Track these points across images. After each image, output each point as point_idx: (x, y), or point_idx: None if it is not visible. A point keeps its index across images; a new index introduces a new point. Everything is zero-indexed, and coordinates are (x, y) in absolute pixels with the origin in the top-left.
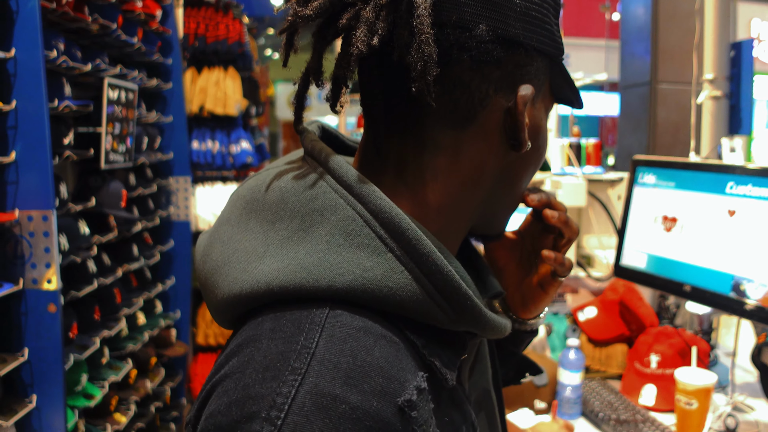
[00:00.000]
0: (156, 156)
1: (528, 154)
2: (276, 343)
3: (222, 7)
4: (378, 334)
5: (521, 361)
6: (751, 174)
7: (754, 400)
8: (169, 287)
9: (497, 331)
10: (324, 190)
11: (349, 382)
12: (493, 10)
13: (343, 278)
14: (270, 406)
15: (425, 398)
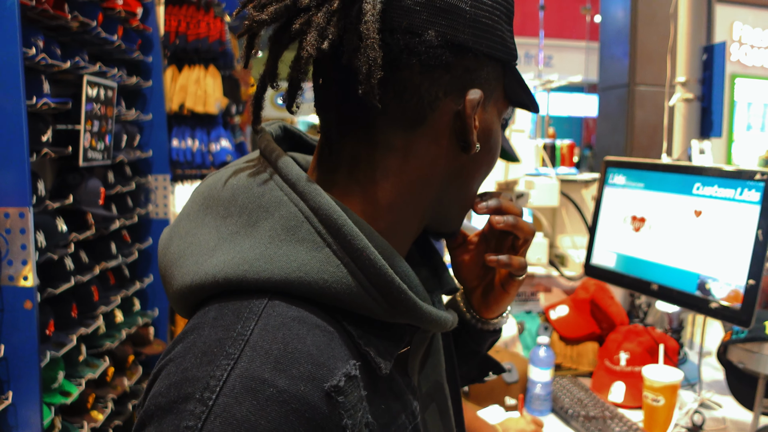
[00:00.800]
0: (135, 154)
1: (479, 156)
2: (216, 330)
3: (203, 6)
4: (312, 323)
5: (484, 360)
6: (716, 175)
7: (721, 397)
8: (147, 285)
9: (438, 325)
10: (271, 188)
11: (278, 367)
12: (443, 16)
13: (282, 271)
14: (204, 388)
15: (355, 385)
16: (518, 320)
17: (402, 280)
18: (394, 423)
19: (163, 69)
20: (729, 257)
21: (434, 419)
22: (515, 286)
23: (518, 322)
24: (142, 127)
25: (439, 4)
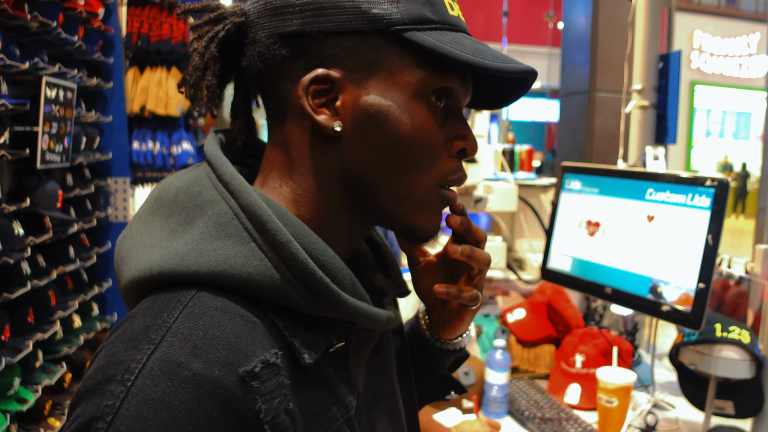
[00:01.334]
0: (95, 156)
1: (365, 139)
2: (145, 319)
3: (166, 7)
4: (235, 313)
5: (444, 378)
6: (668, 181)
7: (674, 398)
8: (106, 289)
9: (370, 321)
10: (207, 188)
11: (195, 352)
12: (272, 16)
13: (209, 264)
14: (125, 370)
15: (274, 372)
16: (476, 324)
17: (329, 274)
18: (323, 414)
19: (124, 70)
20: (680, 261)
21: (383, 419)
22: (470, 314)
23: (476, 325)
24: (102, 129)
25: (272, 4)
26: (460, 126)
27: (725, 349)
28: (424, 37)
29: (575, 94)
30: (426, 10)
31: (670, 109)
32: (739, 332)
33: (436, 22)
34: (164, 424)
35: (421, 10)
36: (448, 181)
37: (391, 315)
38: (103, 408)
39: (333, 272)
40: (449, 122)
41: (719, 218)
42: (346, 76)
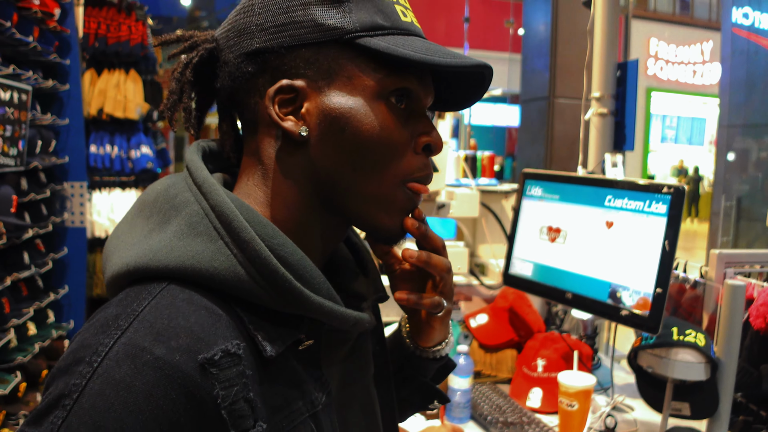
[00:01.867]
0: (50, 160)
1: (330, 141)
2: (117, 308)
3: (125, 8)
4: (200, 305)
5: (425, 387)
6: (626, 188)
7: (632, 401)
8: (62, 296)
9: (337, 320)
10: (183, 190)
11: (158, 338)
12: (237, 37)
13: (179, 259)
14: (93, 353)
15: (234, 362)
16: None
17: (295, 272)
18: (287, 407)
19: (81, 72)
20: (638, 267)
21: (357, 418)
22: (437, 321)
23: None
24: (59, 132)
25: (236, 27)
26: (424, 124)
27: (681, 352)
28: (376, 42)
29: (535, 99)
30: (378, 17)
31: (628, 116)
32: (695, 335)
33: (388, 28)
34: (125, 403)
35: (373, 18)
36: (414, 178)
37: (360, 316)
38: (71, 386)
39: (300, 271)
40: (412, 121)
41: (675, 224)
42: (308, 85)
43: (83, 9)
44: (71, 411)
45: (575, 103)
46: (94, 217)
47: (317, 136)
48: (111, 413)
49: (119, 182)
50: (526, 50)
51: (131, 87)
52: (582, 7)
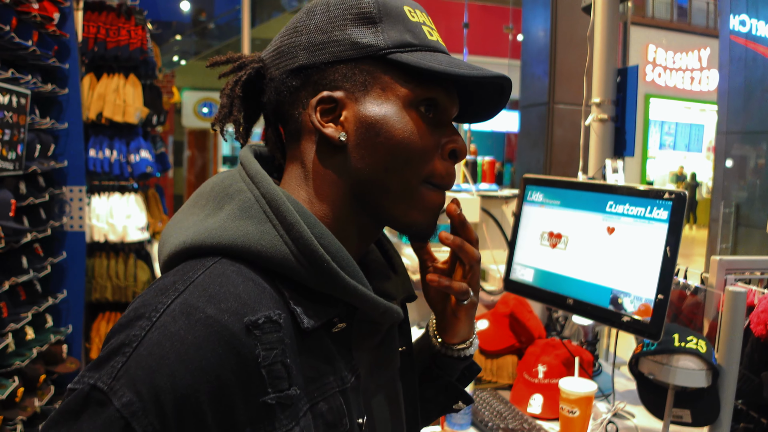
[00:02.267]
0: (49, 164)
1: (366, 145)
2: (174, 276)
3: (124, 13)
4: (248, 277)
5: (449, 387)
6: (628, 194)
7: (633, 407)
8: (60, 301)
9: (368, 304)
10: (236, 180)
11: (210, 300)
12: (281, 56)
13: (230, 238)
14: (152, 310)
15: (275, 328)
16: None
17: (333, 256)
18: (319, 380)
19: (80, 76)
20: (640, 273)
21: (381, 407)
22: (463, 311)
23: None
24: (58, 137)
25: (281, 48)
26: (450, 132)
27: (683, 359)
28: (407, 57)
29: (535, 105)
30: (407, 36)
31: (628, 122)
32: (696, 342)
33: (416, 46)
34: (177, 353)
35: (403, 37)
36: (438, 181)
37: (390, 305)
38: (131, 336)
39: (337, 258)
40: (439, 129)
41: (677, 230)
42: (346, 96)
43: (82, 13)
44: (130, 357)
45: (574, 108)
46: (93, 221)
47: (354, 141)
48: (165, 361)
49: (118, 186)
50: (526, 56)
51: (130, 91)
52: (581, 13)
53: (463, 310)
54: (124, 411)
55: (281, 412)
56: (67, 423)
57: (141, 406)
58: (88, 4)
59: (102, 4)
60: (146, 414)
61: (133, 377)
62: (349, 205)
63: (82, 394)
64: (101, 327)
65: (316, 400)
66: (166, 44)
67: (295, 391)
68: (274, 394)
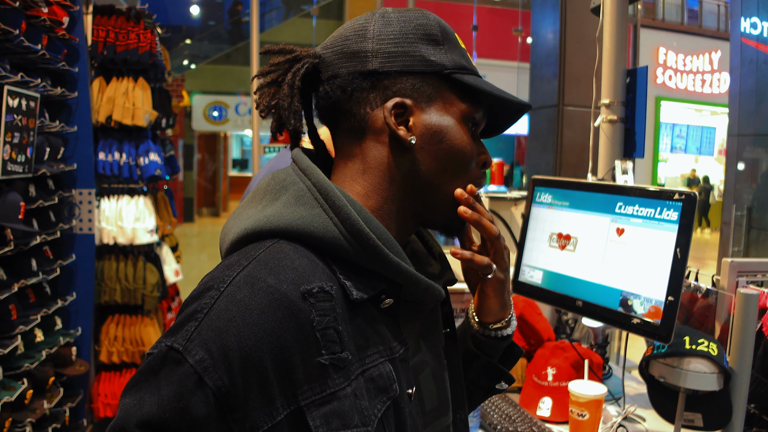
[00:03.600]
0: (59, 167)
1: (427, 148)
2: (239, 255)
3: (133, 16)
4: (303, 254)
5: (490, 366)
6: (637, 195)
7: (644, 411)
8: (69, 303)
9: (411, 281)
10: (290, 174)
11: (271, 272)
12: (350, 59)
13: (287, 222)
14: (220, 282)
15: (327, 298)
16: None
17: (378, 236)
18: (370, 348)
19: (90, 80)
20: (649, 274)
21: (428, 382)
22: (489, 287)
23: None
24: (67, 140)
25: (347, 51)
26: (481, 144)
27: (694, 362)
28: (467, 78)
29: (544, 108)
30: (463, 61)
31: (638, 123)
32: (707, 345)
33: (468, 70)
34: (243, 317)
35: (461, 61)
36: (476, 183)
37: (432, 284)
38: (202, 305)
39: (381, 238)
40: (476, 142)
41: (687, 232)
42: (414, 104)
43: (92, 17)
44: (202, 322)
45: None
46: (102, 224)
47: (419, 144)
48: (232, 324)
49: (127, 189)
50: (535, 58)
51: (140, 94)
52: (590, 15)
53: (489, 286)
54: (198, 367)
55: (335, 372)
56: (147, 380)
57: (212, 363)
58: (97, 8)
59: (111, 8)
60: (216, 369)
61: (205, 338)
62: (401, 200)
63: (160, 355)
64: (110, 329)
65: (368, 366)
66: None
67: (347, 355)
68: (327, 356)
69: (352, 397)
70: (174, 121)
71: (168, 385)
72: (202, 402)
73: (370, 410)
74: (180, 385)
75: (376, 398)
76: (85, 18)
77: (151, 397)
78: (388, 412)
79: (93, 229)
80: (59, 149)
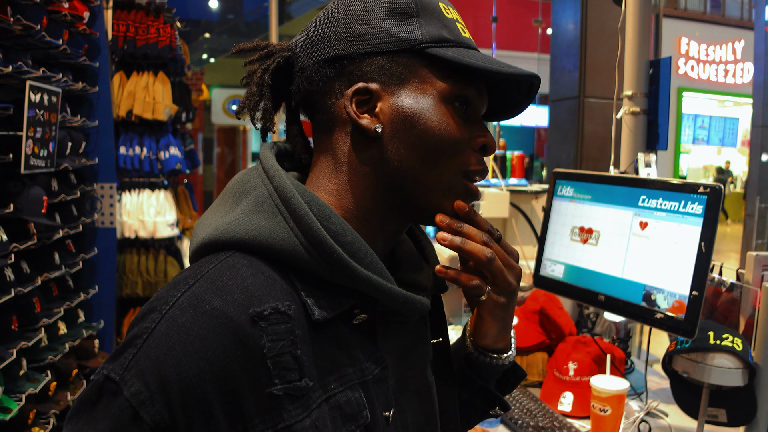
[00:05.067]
0: (80, 161)
1: (401, 138)
2: (189, 271)
3: (153, 11)
4: (258, 270)
5: (483, 390)
6: (661, 188)
7: (667, 406)
8: (92, 296)
9: (384, 295)
10: (253, 176)
11: (217, 292)
12: (315, 46)
13: (244, 232)
14: (163, 303)
15: (282, 319)
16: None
17: (347, 249)
18: (337, 371)
19: (110, 74)
20: (673, 269)
21: (411, 402)
22: (485, 310)
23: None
24: (88, 134)
25: (314, 37)
26: (480, 127)
27: (718, 357)
28: (444, 52)
29: (565, 99)
30: (443, 32)
31: (661, 115)
32: (732, 339)
33: (452, 41)
34: (183, 344)
35: (440, 32)
36: (471, 171)
37: (410, 297)
38: (143, 329)
39: (352, 248)
40: (470, 124)
41: (712, 225)
42: (382, 88)
43: (112, 12)
44: (140, 349)
45: (605, 102)
46: (123, 217)
47: (389, 133)
48: (171, 352)
49: (148, 183)
50: (555, 50)
51: (160, 89)
52: (611, 5)
53: (485, 309)
54: (133, 400)
55: (290, 404)
56: (86, 411)
57: (148, 396)
58: (117, 3)
59: (131, 3)
60: (153, 403)
61: (142, 368)
62: (379, 197)
63: (97, 385)
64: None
65: (333, 392)
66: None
67: (306, 382)
68: (281, 385)
69: (312, 429)
70: (194, 115)
71: (104, 419)
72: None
73: None
74: (116, 420)
75: (343, 427)
76: (106, 13)
77: (88, 430)
78: None
79: (114, 222)
80: (81, 144)
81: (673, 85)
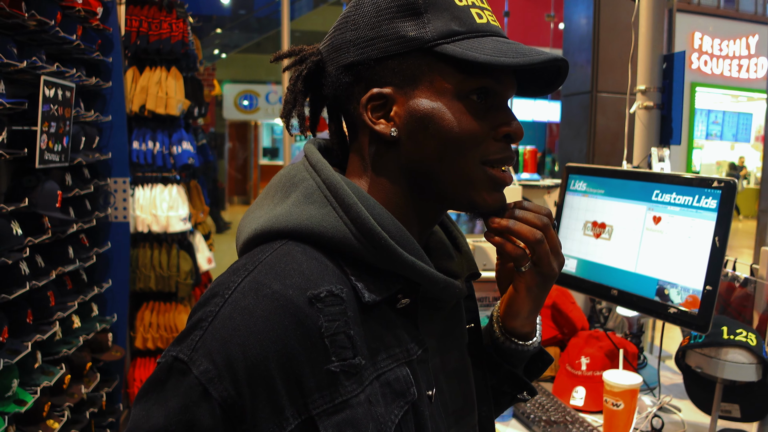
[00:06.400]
0: (94, 156)
1: (417, 139)
2: (246, 259)
3: (166, 6)
4: (312, 256)
5: (511, 376)
6: (675, 183)
7: (680, 401)
8: (105, 290)
9: (427, 279)
10: (301, 170)
11: (276, 277)
12: (335, 53)
13: (296, 222)
14: (225, 288)
15: (337, 301)
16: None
17: (390, 234)
18: (385, 351)
19: (123, 70)
20: (687, 263)
21: (450, 382)
22: (521, 282)
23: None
24: (102, 129)
25: (334, 43)
26: (503, 115)
27: (732, 352)
28: (452, 48)
29: (577, 94)
30: (453, 24)
31: (675, 110)
32: (746, 335)
33: (464, 33)
34: (247, 325)
35: (449, 26)
36: (491, 160)
37: (450, 282)
38: (207, 313)
39: (395, 236)
40: (492, 114)
41: (726, 220)
42: (395, 91)
43: (125, 7)
44: (206, 331)
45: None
46: (136, 212)
47: (406, 135)
48: (236, 332)
49: (161, 178)
50: (568, 44)
51: (172, 84)
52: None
53: (522, 282)
54: (202, 378)
55: (346, 379)
56: (155, 391)
57: (216, 374)
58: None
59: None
60: (221, 380)
61: (209, 348)
62: (407, 194)
63: (166, 365)
64: (145, 316)
65: (383, 370)
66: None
67: (359, 360)
68: (338, 363)
69: (366, 404)
70: (206, 110)
71: (174, 397)
72: (208, 414)
73: (386, 416)
74: (186, 397)
75: (393, 403)
76: (119, 8)
77: (158, 408)
78: (407, 417)
79: (128, 217)
80: (94, 138)
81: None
